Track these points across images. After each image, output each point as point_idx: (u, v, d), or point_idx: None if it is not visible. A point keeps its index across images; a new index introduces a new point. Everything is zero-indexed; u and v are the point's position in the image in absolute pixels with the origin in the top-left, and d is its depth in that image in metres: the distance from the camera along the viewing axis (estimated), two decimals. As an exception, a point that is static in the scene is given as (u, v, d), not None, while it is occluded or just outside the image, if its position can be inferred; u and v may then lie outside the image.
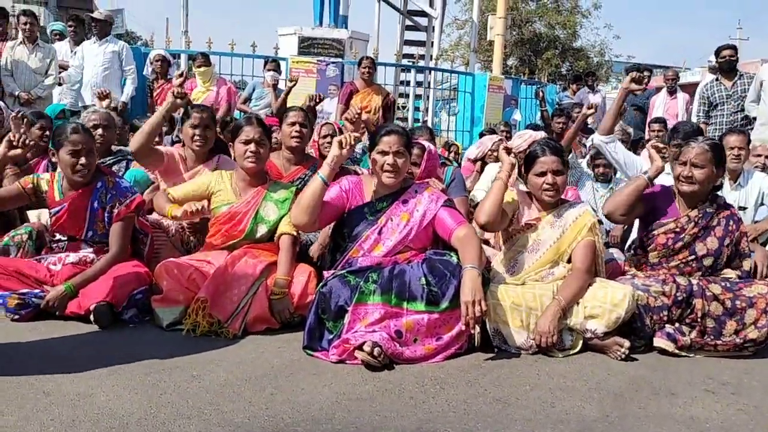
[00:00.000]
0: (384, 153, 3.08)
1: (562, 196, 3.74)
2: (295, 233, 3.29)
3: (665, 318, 3.03)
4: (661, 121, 7.91)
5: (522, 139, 4.97)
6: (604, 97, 11.07)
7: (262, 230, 3.35)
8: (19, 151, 2.97)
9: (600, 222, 4.63)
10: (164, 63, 7.46)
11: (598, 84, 12.58)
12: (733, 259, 3.30)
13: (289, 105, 7.71)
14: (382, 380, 2.49)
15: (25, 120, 4.03)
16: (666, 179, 3.61)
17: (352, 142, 2.96)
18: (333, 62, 8.10)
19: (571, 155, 5.22)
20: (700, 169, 3.18)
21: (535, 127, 7.43)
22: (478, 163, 5.50)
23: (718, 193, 3.35)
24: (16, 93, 6.58)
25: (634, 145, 8.99)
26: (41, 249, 3.28)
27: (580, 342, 2.95)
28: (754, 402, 2.50)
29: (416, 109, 12.12)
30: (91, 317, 2.83)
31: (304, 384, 2.41)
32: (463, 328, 2.72)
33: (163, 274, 3.02)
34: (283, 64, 8.20)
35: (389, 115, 7.56)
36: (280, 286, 3.05)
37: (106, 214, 3.17)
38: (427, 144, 3.99)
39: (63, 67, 7.36)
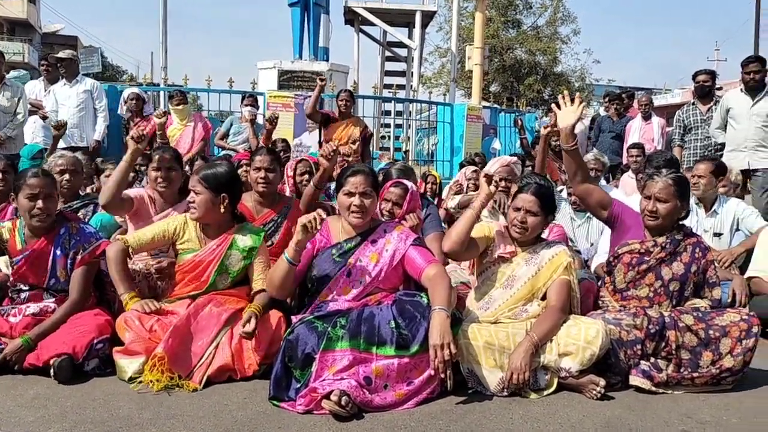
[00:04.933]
0: (350, 194, 3.04)
1: (547, 232, 3.73)
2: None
3: (639, 352, 2.98)
4: (639, 146, 7.95)
5: (496, 163, 4.98)
6: (595, 117, 11.15)
7: (224, 281, 3.25)
8: None
9: (578, 251, 4.64)
10: (139, 101, 7.43)
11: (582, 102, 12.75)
12: (702, 288, 3.28)
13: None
14: None
15: None
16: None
17: (318, 227, 2.88)
18: (311, 96, 8.08)
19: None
20: (664, 203, 3.18)
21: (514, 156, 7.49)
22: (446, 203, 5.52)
23: (684, 222, 3.34)
24: (-16, 134, 6.50)
25: (613, 170, 9.06)
26: (2, 299, 3.18)
27: (555, 381, 2.88)
28: (732, 441, 2.44)
29: (396, 138, 12.17)
30: (51, 371, 2.73)
31: (267, 439, 2.33)
32: (433, 372, 2.65)
33: (122, 325, 2.93)
34: (260, 98, 8.19)
35: (367, 149, 7.56)
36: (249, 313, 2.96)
37: (68, 261, 3.09)
38: (409, 184, 3.95)
39: (35, 106, 7.30)
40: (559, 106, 3.44)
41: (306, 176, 4.78)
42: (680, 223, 3.32)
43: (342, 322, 2.74)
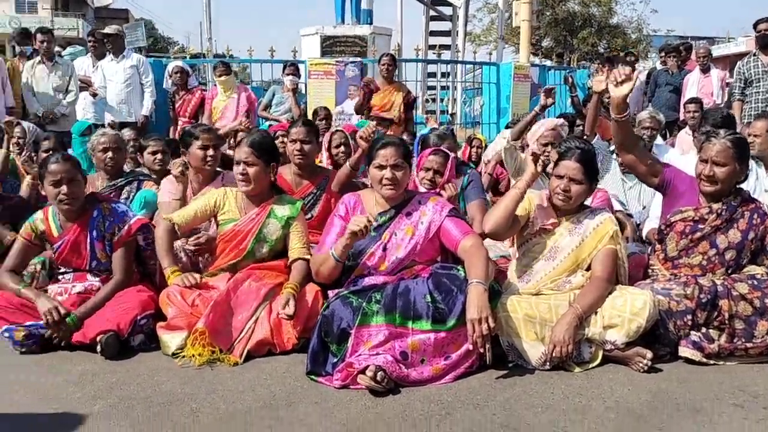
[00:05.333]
0: (381, 167, 2.98)
1: (590, 198, 3.59)
2: (308, 257, 3.21)
3: (690, 322, 2.85)
4: (696, 101, 7.56)
5: (542, 126, 4.81)
6: (649, 72, 10.66)
7: (263, 249, 3.28)
8: None
9: (629, 215, 4.47)
10: (183, 74, 7.49)
11: (636, 62, 12.14)
12: (758, 255, 3.10)
13: (310, 107, 7.74)
14: (385, 407, 2.39)
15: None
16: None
17: (368, 233, 2.84)
18: (352, 62, 8.00)
19: (596, 138, 5.01)
20: (722, 167, 2.99)
21: (563, 116, 7.22)
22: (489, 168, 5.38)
23: (742, 186, 3.15)
24: (39, 112, 6.69)
25: (670, 126, 8.66)
26: (50, 278, 3.29)
27: (600, 354, 2.79)
28: (788, 417, 2.31)
29: (442, 100, 11.94)
30: (98, 348, 2.81)
31: (304, 414, 2.34)
32: (471, 347, 2.60)
33: (165, 301, 2.99)
34: (302, 67, 8.14)
35: (410, 114, 7.43)
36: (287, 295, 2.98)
37: (106, 243, 3.15)
38: (450, 153, 3.86)
39: (85, 82, 7.46)
40: (612, 66, 3.25)
41: (342, 148, 4.72)
42: (738, 187, 3.13)
43: (377, 297, 2.71)
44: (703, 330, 2.88)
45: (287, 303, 2.93)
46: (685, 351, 2.82)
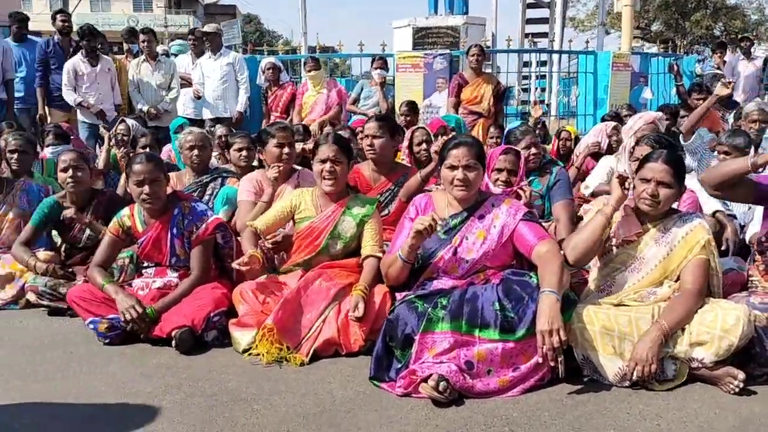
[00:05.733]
0: (453, 167, 2.88)
1: (677, 203, 3.34)
2: (380, 255, 3.18)
3: (792, 342, 2.57)
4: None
5: (641, 120, 4.53)
6: (766, 58, 9.82)
7: (337, 246, 3.29)
8: None
9: (733, 217, 4.10)
10: (275, 70, 7.65)
11: (755, 47, 11.17)
12: None
13: (398, 100, 7.70)
14: (446, 419, 2.32)
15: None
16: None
17: (434, 232, 2.78)
18: (440, 54, 7.85)
19: (694, 136, 4.65)
20: None
21: (665, 108, 6.77)
22: (578, 161, 5.13)
23: None
24: (144, 109, 7.06)
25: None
26: (135, 274, 3.45)
27: (686, 372, 2.57)
28: None
29: (542, 90, 11.54)
30: (173, 343, 2.91)
31: (363, 422, 2.30)
32: (540, 360, 2.47)
33: (238, 298, 3.05)
34: (390, 60, 8.11)
35: (501, 105, 7.24)
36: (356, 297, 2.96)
37: (185, 241, 3.26)
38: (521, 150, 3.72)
39: (185, 80, 7.80)
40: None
41: (423, 145, 4.65)
42: None
43: (443, 303, 2.63)
44: (809, 350, 2.59)
45: (356, 305, 2.91)
46: (785, 373, 2.55)
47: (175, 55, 8.36)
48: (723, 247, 3.74)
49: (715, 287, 2.78)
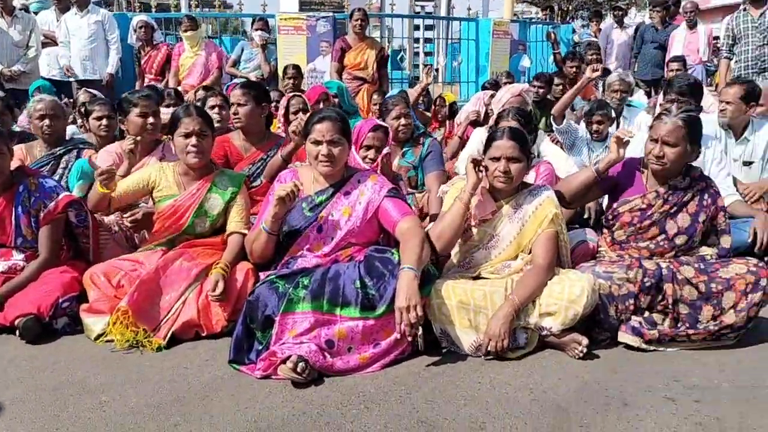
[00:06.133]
0: (317, 142, 2.83)
1: (533, 174, 3.47)
2: (245, 232, 3.09)
3: (632, 307, 2.77)
4: (679, 59, 7.34)
5: (508, 92, 4.63)
6: (639, 26, 10.32)
7: (203, 224, 3.18)
8: None
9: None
10: (148, 29, 7.22)
11: (625, 15, 11.69)
12: (709, 236, 3.00)
13: (281, 64, 7.48)
14: (304, 400, 2.31)
15: None
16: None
17: (297, 198, 2.77)
18: (323, 17, 7.68)
19: (564, 121, 4.85)
20: (672, 147, 2.86)
21: (540, 76, 6.97)
22: (459, 130, 5.21)
23: (693, 163, 3.02)
24: (-1, 69, 6.46)
25: (655, 85, 8.43)
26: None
27: (536, 339, 2.71)
28: (718, 412, 2.24)
29: (428, 54, 11.62)
30: (17, 332, 2.71)
31: (217, 408, 2.25)
32: (399, 336, 2.51)
33: (88, 282, 2.88)
34: (271, 21, 7.84)
35: (385, 70, 7.19)
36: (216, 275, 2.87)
37: (32, 219, 3.02)
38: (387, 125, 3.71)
39: (49, 38, 7.18)
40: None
41: (300, 114, 4.54)
42: (689, 165, 3.01)
43: (305, 282, 2.60)
44: (646, 314, 2.80)
45: (216, 284, 2.82)
46: (624, 337, 2.74)
47: (36, 13, 7.65)
48: (586, 215, 3.96)
49: (565, 257, 2.92)
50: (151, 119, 3.63)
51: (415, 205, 3.77)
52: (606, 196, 4.00)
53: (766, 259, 3.65)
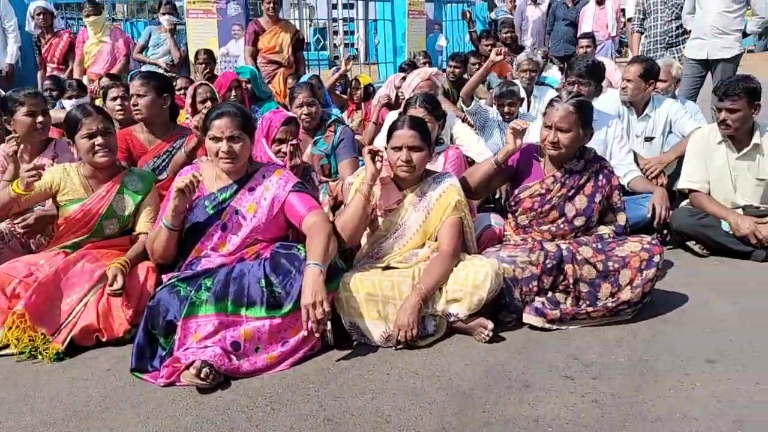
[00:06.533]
0: (217, 139, 2.75)
1: (442, 159, 3.50)
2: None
3: (536, 288, 2.86)
4: (589, 36, 7.57)
5: (418, 77, 4.63)
6: (549, 4, 10.51)
7: (112, 227, 3.07)
8: None
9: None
10: (47, 15, 6.84)
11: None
12: (606, 215, 3.12)
13: (192, 49, 7.24)
14: (208, 407, 2.27)
15: None
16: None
17: (197, 189, 2.70)
18: (234, -1, 7.48)
19: (474, 102, 4.91)
20: (565, 133, 2.95)
21: (456, 56, 7.03)
22: (373, 115, 5.19)
23: (588, 145, 3.12)
24: None
25: (568, 61, 8.63)
26: None
27: (444, 326, 2.76)
28: (613, 388, 2.34)
29: (349, 33, 11.50)
30: None
31: (117, 421, 2.18)
32: (306, 334, 2.50)
33: (-21, 292, 2.73)
34: (179, 5, 7.56)
35: (300, 54, 7.07)
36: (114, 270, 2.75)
37: None
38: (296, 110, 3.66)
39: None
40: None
41: (208, 103, 4.41)
42: (584, 147, 3.11)
43: (207, 284, 2.54)
44: (550, 294, 2.89)
45: (114, 278, 2.71)
46: (528, 318, 2.83)
47: None
48: (497, 195, 4.04)
49: (470, 242, 2.98)
50: (40, 118, 3.43)
51: (329, 193, 3.74)
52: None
53: (665, 232, 3.87)
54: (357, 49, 10.77)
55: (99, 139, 2.97)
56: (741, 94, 3.51)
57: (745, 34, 6.10)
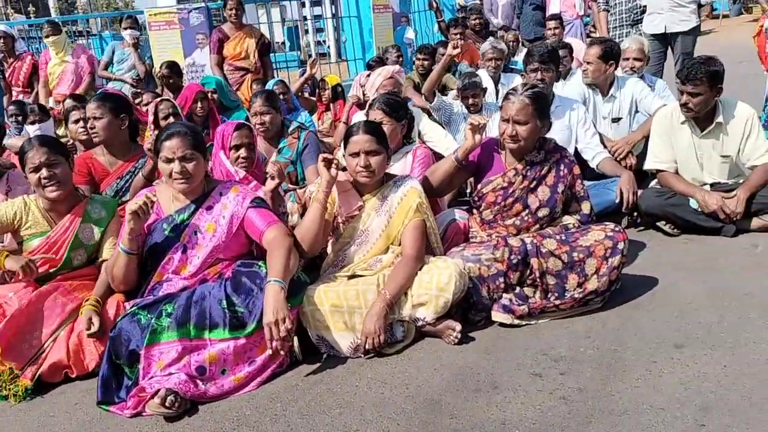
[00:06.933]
0: (169, 160, 2.72)
1: (410, 158, 3.48)
2: None
3: (503, 285, 2.84)
4: (555, 17, 7.53)
5: (380, 76, 4.59)
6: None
7: (80, 257, 3.02)
8: None
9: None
10: (8, 39, 6.76)
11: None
12: (571, 204, 3.11)
13: (157, 61, 7.17)
14: (175, 434, 2.26)
15: None
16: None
17: (151, 211, 2.67)
18: (195, 8, 7.38)
19: (437, 97, 4.87)
20: (523, 125, 2.93)
21: (423, 49, 6.96)
22: (343, 116, 5.15)
23: (548, 136, 3.11)
24: None
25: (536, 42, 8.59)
26: None
27: (413, 331, 2.75)
28: (581, 382, 2.34)
29: (320, 30, 11.41)
30: None
31: (83, 458, 2.17)
32: (271, 352, 2.48)
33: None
34: (141, 18, 7.48)
35: (267, 58, 7.00)
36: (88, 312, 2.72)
37: None
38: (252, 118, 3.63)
39: None
40: None
41: (171, 119, 4.37)
42: (544, 137, 3.09)
43: (168, 310, 2.52)
44: (517, 290, 2.88)
45: (89, 321, 2.68)
46: (496, 315, 2.81)
47: None
48: (469, 189, 4.01)
49: (435, 244, 2.96)
50: None
51: (297, 200, 3.72)
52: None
53: (635, 214, 3.87)
54: (328, 46, 10.68)
55: (44, 172, 2.91)
56: (702, 78, 3.50)
57: (700, 5, 6.08)
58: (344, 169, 2.97)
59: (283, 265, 2.56)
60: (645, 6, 6.46)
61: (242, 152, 3.38)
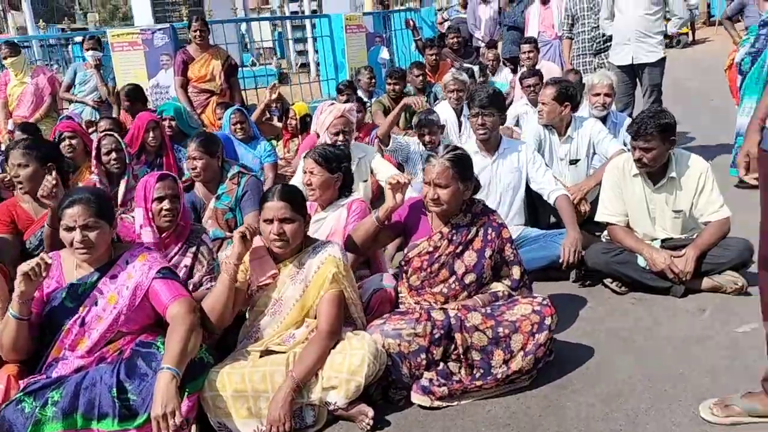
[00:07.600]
0: (70, 228, 2.56)
1: (345, 212, 3.33)
2: None
3: (424, 362, 2.69)
4: (530, 41, 7.36)
5: (331, 114, 4.41)
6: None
7: None
8: None
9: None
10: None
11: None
12: (500, 269, 2.96)
13: (120, 83, 7.01)
14: None
15: None
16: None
17: (44, 273, 2.47)
18: (159, 29, 7.21)
19: (391, 140, 4.71)
20: (444, 189, 2.79)
21: (393, 73, 6.79)
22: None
23: (476, 197, 2.97)
24: None
25: (514, 62, 8.43)
26: None
27: (325, 415, 2.59)
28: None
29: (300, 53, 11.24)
30: None
31: None
32: (160, 448, 2.32)
33: None
34: (103, 39, 7.31)
35: (234, 80, 6.83)
36: None
37: None
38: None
39: None
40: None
41: (113, 155, 4.21)
42: (472, 199, 2.95)
43: (55, 398, 2.35)
44: (441, 366, 2.72)
45: None
46: (415, 398, 2.66)
47: None
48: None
49: (356, 314, 2.80)
50: None
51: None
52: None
53: (582, 269, 3.71)
54: (308, 64, 10.51)
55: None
56: (653, 132, 3.35)
57: (666, 36, 5.96)
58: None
59: (179, 349, 2.40)
60: (608, 36, 6.31)
61: (165, 204, 3.21)
